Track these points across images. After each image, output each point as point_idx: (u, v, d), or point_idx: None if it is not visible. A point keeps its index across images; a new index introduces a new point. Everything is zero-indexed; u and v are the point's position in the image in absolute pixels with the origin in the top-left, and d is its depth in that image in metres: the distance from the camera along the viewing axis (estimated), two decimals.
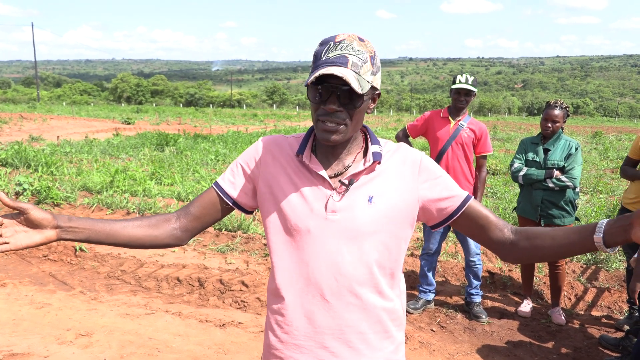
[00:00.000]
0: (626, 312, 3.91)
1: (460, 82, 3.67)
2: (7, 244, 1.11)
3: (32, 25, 58.35)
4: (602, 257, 4.91)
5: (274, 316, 1.26)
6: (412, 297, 4.07)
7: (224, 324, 3.57)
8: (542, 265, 4.73)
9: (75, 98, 67.51)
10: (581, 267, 4.80)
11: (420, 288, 3.99)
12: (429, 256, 3.92)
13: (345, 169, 1.22)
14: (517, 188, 8.56)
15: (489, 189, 8.76)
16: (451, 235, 5.46)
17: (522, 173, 3.69)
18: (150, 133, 16.18)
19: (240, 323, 3.61)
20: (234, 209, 1.33)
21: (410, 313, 3.88)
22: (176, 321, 3.61)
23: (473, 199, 1.25)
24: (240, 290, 4.18)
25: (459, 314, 3.91)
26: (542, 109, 3.98)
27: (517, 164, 3.75)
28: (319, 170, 1.20)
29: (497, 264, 4.94)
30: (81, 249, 4.93)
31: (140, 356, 3.11)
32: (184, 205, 1.37)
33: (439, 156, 3.73)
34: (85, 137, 15.87)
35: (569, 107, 3.70)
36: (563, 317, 3.79)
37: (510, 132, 26.32)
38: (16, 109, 33.29)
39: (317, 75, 1.08)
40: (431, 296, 3.98)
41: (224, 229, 5.78)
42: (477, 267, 3.84)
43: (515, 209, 3.94)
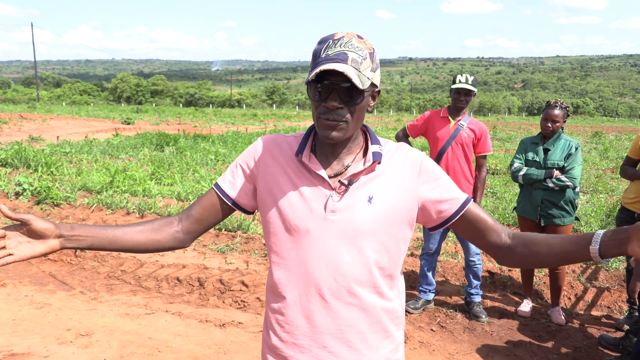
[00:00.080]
0: (626, 312, 3.91)
1: (460, 81, 3.67)
2: (11, 255, 1.12)
3: (32, 25, 58.35)
4: None
5: (275, 315, 1.26)
6: (412, 297, 4.07)
7: (224, 324, 3.57)
8: None
9: (75, 98, 67.49)
10: (581, 267, 4.80)
11: (420, 288, 3.99)
12: (428, 256, 3.92)
13: (345, 169, 1.21)
14: (517, 188, 8.56)
15: (489, 189, 8.76)
16: (451, 235, 5.47)
17: (522, 173, 3.69)
18: (150, 133, 16.16)
19: (240, 323, 3.61)
20: (234, 210, 1.32)
21: (410, 313, 3.88)
22: (176, 321, 3.61)
23: (472, 202, 1.25)
24: (240, 290, 4.18)
25: (459, 314, 3.91)
26: (542, 108, 3.98)
27: (517, 164, 3.75)
28: (318, 170, 1.19)
29: (497, 264, 4.94)
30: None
31: (140, 356, 3.11)
32: (185, 208, 1.38)
33: (439, 156, 3.73)
34: (85, 137, 15.87)
35: (569, 107, 3.70)
36: (563, 317, 3.79)
37: (510, 132, 26.30)
38: (16, 109, 33.27)
39: (317, 72, 1.07)
40: (431, 296, 3.98)
41: (224, 229, 5.78)
42: (477, 267, 3.84)
43: (515, 208, 3.94)
